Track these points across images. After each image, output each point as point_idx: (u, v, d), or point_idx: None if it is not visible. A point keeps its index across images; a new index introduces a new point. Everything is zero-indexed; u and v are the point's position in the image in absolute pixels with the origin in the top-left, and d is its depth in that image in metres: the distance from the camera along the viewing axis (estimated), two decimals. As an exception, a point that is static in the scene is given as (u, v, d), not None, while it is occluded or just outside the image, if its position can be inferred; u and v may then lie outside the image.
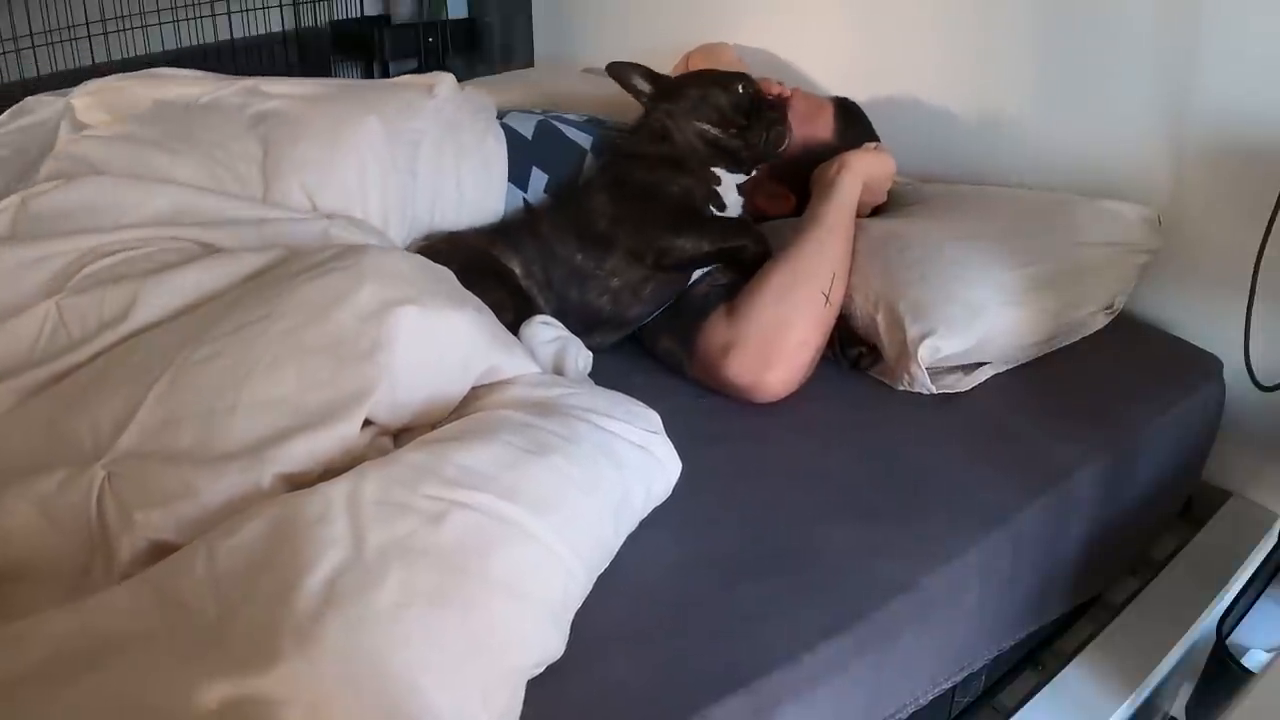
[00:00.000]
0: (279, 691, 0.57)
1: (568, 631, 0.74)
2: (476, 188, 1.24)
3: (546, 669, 0.74)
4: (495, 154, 1.26)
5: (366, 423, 0.82)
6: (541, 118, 1.34)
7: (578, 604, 0.76)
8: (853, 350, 1.16)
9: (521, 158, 1.28)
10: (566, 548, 0.73)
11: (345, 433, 0.77)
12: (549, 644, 0.72)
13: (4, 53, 1.95)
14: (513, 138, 1.29)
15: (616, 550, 0.82)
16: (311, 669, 0.58)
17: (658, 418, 0.90)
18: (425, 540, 0.66)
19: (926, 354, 1.09)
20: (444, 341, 0.85)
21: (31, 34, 1.98)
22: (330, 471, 0.76)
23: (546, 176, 1.28)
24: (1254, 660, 1.04)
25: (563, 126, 1.33)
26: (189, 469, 0.73)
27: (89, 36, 2.04)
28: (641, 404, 0.91)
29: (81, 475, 0.73)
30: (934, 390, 1.11)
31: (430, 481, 0.71)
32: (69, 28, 2.03)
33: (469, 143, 1.26)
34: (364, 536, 0.65)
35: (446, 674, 0.61)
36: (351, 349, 0.80)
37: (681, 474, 0.90)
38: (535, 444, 0.77)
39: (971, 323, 1.12)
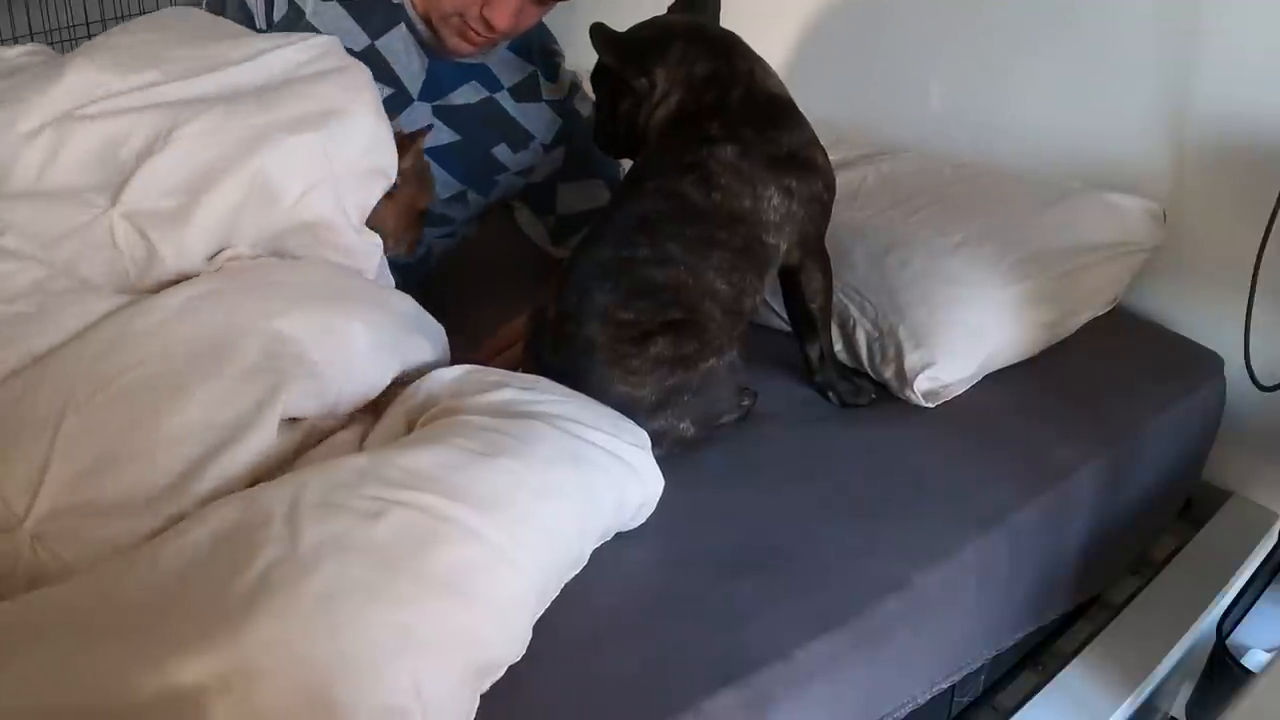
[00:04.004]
0: (208, 678, 0.59)
1: (525, 634, 0.73)
2: None
3: (542, 663, 0.74)
4: None
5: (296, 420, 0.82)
6: None
7: (536, 608, 0.74)
8: (864, 396, 1.13)
9: None
10: (516, 548, 0.72)
11: (260, 441, 0.77)
12: (499, 643, 0.70)
13: (4, 53, 1.96)
14: None
15: (584, 556, 0.80)
16: (240, 657, 0.59)
17: (646, 436, 0.89)
18: (360, 536, 0.67)
19: (925, 383, 1.09)
20: (341, 335, 0.84)
21: (31, 34, 1.98)
22: (258, 479, 0.76)
23: None
24: (1254, 660, 1.04)
25: None
26: (119, 520, 0.72)
27: (89, 36, 2.04)
28: (632, 423, 0.89)
29: (8, 541, 0.71)
30: (930, 406, 1.11)
31: (372, 484, 0.70)
32: (69, 27, 2.03)
33: None
34: (300, 534, 0.66)
35: (374, 664, 0.62)
36: (244, 360, 0.79)
37: (678, 471, 0.89)
38: (488, 446, 0.76)
39: (973, 348, 1.12)
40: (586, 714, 0.73)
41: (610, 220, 1.01)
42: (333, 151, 0.93)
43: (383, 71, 1.21)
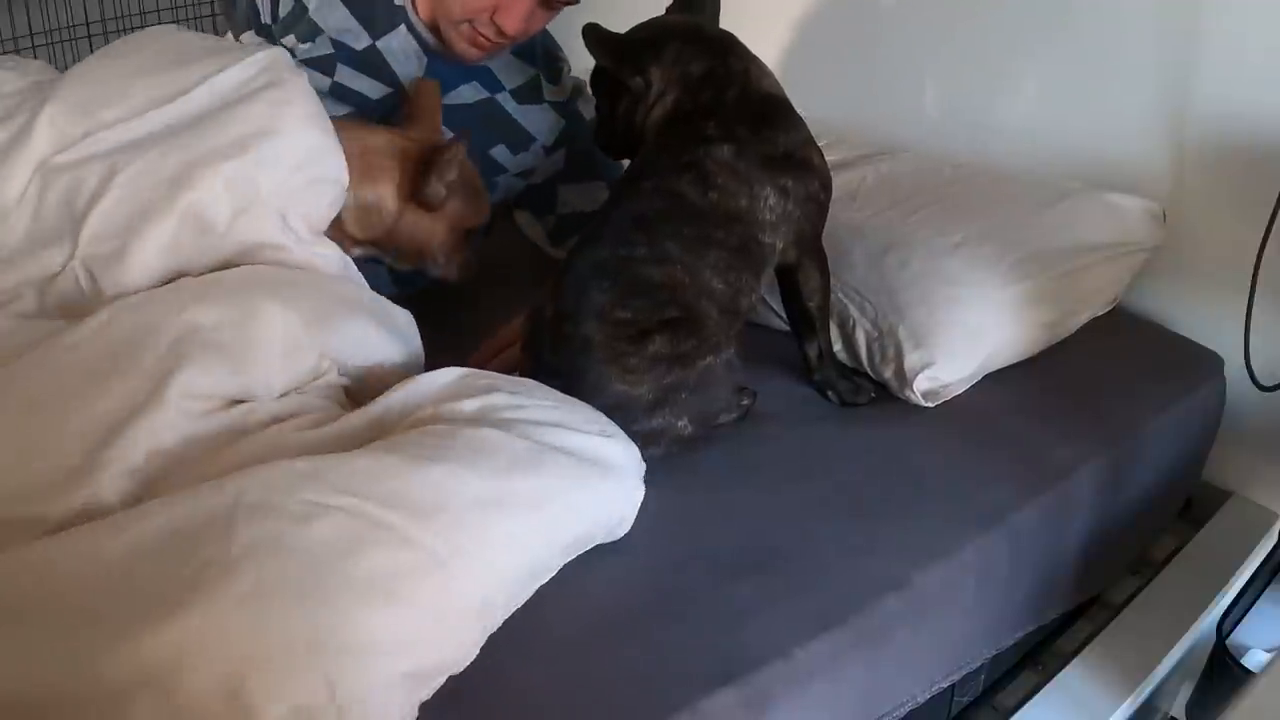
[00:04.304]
0: (135, 670, 0.61)
1: (467, 642, 0.72)
2: None
3: (542, 662, 0.74)
4: None
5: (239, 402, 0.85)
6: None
7: (484, 616, 0.74)
8: (864, 395, 1.13)
9: None
10: (453, 554, 0.72)
11: (161, 421, 0.79)
12: (432, 650, 0.70)
13: (4, 53, 1.96)
14: None
15: (549, 566, 0.80)
16: (164, 651, 0.62)
17: (634, 446, 0.89)
18: (291, 538, 0.68)
19: (925, 383, 1.09)
20: (255, 316, 0.86)
21: (31, 34, 1.98)
22: (176, 461, 0.78)
23: None
24: (1254, 660, 1.04)
25: None
26: (37, 504, 0.75)
27: (89, 36, 2.04)
28: (621, 432, 0.89)
29: None
30: (930, 406, 1.10)
31: (311, 488, 0.72)
32: (69, 27, 2.03)
33: None
34: (235, 534, 0.68)
35: (287, 664, 0.63)
36: (154, 353, 0.82)
37: (677, 472, 0.89)
38: (436, 453, 0.76)
39: (973, 348, 1.11)
40: (586, 713, 0.73)
41: (608, 220, 1.02)
42: (261, 174, 0.96)
43: (382, 71, 1.23)
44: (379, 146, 1.07)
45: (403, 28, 1.22)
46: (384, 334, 0.96)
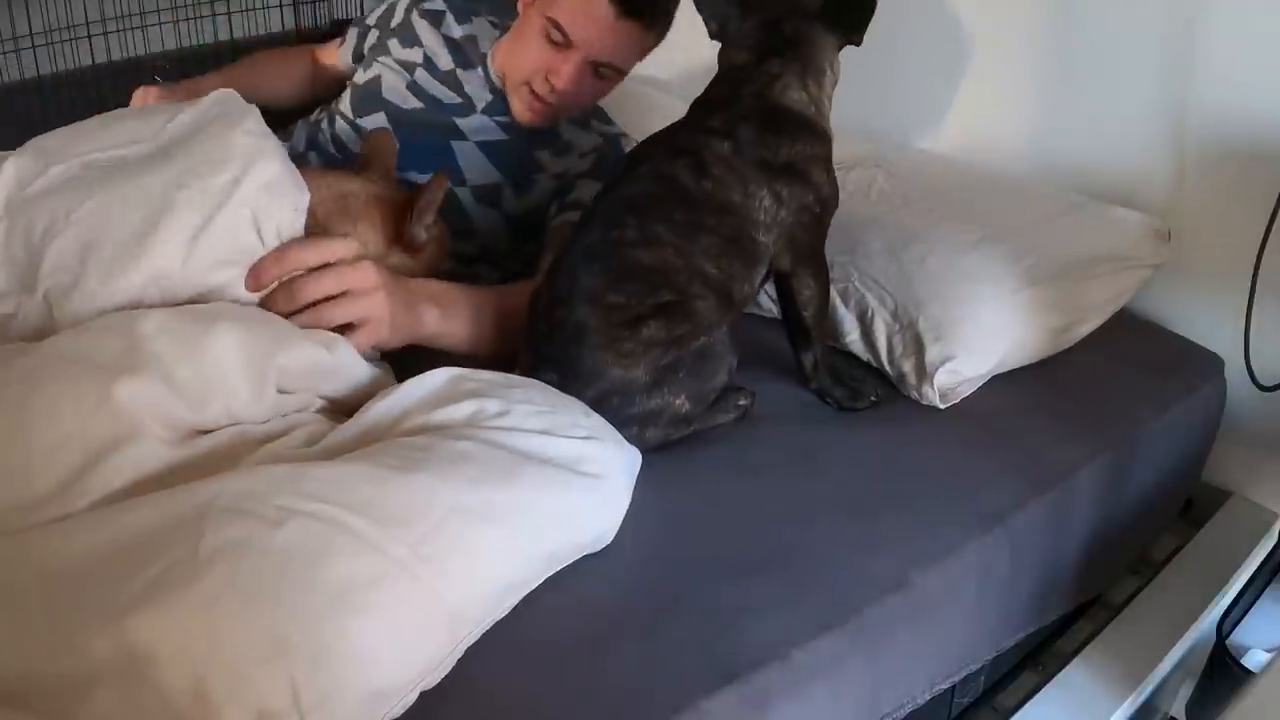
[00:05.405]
0: (98, 664, 0.62)
1: (443, 651, 0.72)
2: None
3: (542, 663, 0.74)
4: None
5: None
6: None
7: (456, 628, 0.73)
8: (863, 400, 1.12)
9: None
10: (423, 565, 0.71)
11: (135, 453, 0.77)
12: (395, 661, 0.69)
13: (4, 53, 1.95)
14: None
15: (529, 578, 0.79)
16: (126, 648, 0.62)
17: (629, 448, 0.89)
18: (258, 542, 0.68)
19: (945, 378, 1.09)
20: (205, 344, 0.84)
21: (31, 34, 1.98)
22: (150, 479, 0.77)
23: None
24: (1254, 660, 1.04)
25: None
26: (13, 514, 0.74)
27: (89, 36, 2.04)
28: (617, 435, 0.89)
29: None
30: (942, 407, 1.10)
31: (284, 493, 0.72)
32: (69, 28, 2.03)
33: None
34: (203, 536, 0.68)
35: (247, 666, 0.64)
36: (114, 368, 0.80)
37: (677, 471, 0.89)
38: (411, 462, 0.76)
39: (990, 345, 1.11)
40: (585, 714, 0.73)
41: (602, 203, 1.03)
42: (207, 198, 0.94)
43: (458, 88, 1.37)
44: (355, 191, 1.09)
45: (480, 70, 1.36)
46: (343, 348, 0.93)
